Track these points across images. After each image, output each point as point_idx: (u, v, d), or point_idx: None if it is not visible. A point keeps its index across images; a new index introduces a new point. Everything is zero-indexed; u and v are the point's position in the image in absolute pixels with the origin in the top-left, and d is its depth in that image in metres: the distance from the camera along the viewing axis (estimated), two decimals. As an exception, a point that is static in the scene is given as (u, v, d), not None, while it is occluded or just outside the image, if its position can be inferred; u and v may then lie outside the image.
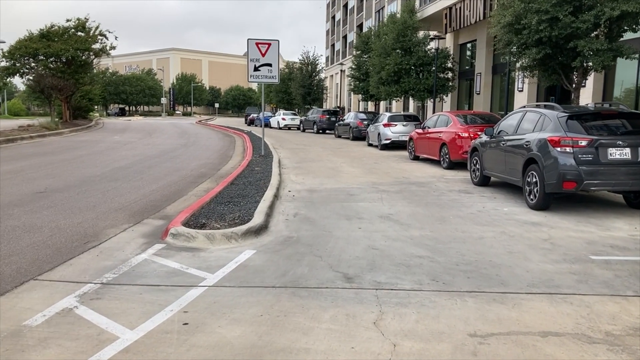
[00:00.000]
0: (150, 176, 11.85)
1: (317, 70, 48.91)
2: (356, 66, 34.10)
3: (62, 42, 28.50)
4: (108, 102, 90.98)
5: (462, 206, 8.63)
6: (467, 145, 13.24)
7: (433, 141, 14.89)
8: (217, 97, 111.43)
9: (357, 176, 12.45)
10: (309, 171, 13.34)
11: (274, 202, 8.53)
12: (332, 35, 68.94)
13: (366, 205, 8.59)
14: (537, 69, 14.02)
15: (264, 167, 13.23)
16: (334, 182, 11.43)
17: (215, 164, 14.87)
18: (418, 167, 14.50)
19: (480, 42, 26.03)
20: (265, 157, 15.86)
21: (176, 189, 10.24)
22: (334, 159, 16.79)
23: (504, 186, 10.66)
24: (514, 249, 5.97)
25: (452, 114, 14.52)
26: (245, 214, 7.29)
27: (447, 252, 5.79)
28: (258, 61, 15.69)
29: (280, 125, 40.90)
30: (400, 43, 25.13)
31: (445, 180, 11.81)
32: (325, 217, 7.65)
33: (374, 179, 11.89)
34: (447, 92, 25.94)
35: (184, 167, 13.92)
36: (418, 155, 16.35)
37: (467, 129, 13.48)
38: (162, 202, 8.74)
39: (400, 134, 20.42)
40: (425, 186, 10.88)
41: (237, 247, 5.96)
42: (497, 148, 9.89)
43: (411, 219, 7.56)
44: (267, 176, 11.42)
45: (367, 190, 10.29)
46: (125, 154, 16.91)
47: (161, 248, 5.92)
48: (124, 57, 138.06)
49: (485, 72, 25.80)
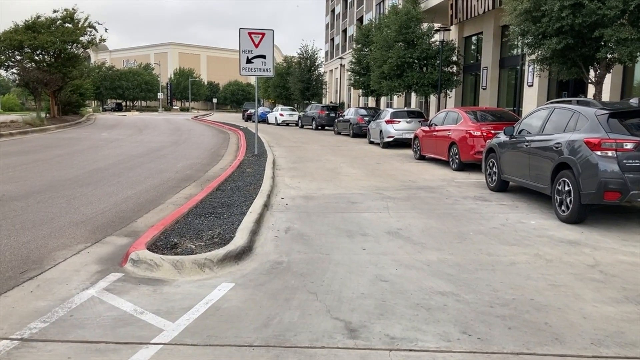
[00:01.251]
0: (129, 179, 10.65)
1: (316, 64, 47.56)
2: (356, 60, 32.80)
3: (49, 34, 27.12)
4: (104, 97, 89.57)
5: (481, 218, 7.44)
6: (480, 145, 12.06)
7: (441, 140, 13.69)
8: (215, 92, 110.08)
9: (359, 179, 11.25)
10: (305, 173, 12.14)
11: (263, 213, 7.33)
12: (332, 29, 67.59)
13: (370, 217, 7.40)
14: (555, 62, 12.81)
15: (257, 169, 12.03)
16: (333, 186, 10.23)
17: (204, 165, 13.66)
18: (425, 169, 13.30)
19: (487, 35, 24.78)
20: (258, 156, 14.65)
21: (154, 195, 9.03)
22: (333, 158, 15.59)
23: (525, 192, 9.47)
24: (557, 281, 4.78)
25: (462, 111, 13.31)
26: (227, 230, 6.10)
27: (475, 286, 4.60)
28: (251, 52, 14.45)
29: (278, 122, 39.67)
30: (403, 35, 23.86)
31: (457, 185, 10.61)
32: (322, 234, 6.45)
33: (378, 183, 10.69)
34: (453, 86, 24.70)
35: (169, 168, 12.71)
36: (424, 154, 15.15)
37: (479, 127, 12.27)
38: (134, 213, 7.54)
39: (403, 132, 19.21)
40: (436, 192, 9.68)
41: (212, 279, 4.76)
42: (518, 150, 8.69)
43: (425, 236, 6.37)
44: (259, 179, 10.23)
45: (370, 196, 9.09)
46: (108, 153, 15.69)
47: (116, 280, 4.72)
48: (121, 51, 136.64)
49: (492, 66, 24.56)
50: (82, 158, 14.27)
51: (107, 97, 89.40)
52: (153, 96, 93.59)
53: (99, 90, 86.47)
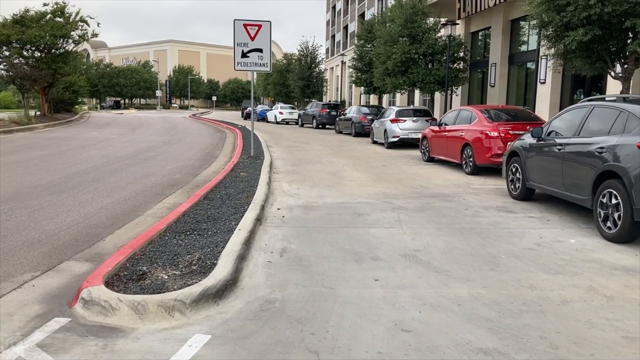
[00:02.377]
0: (108, 185, 9.56)
1: (317, 61, 46.39)
2: (358, 56, 31.67)
3: (38, 29, 26.01)
4: (102, 94, 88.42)
5: (510, 235, 6.35)
6: (497, 147, 10.98)
7: (453, 141, 12.59)
8: (215, 90, 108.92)
9: (364, 184, 10.17)
10: (305, 177, 11.06)
11: (255, 230, 6.24)
12: (332, 26, 66.42)
13: (381, 234, 6.31)
14: (578, 56, 11.71)
15: (252, 172, 10.96)
16: (336, 193, 9.15)
17: (195, 167, 12.58)
18: (436, 172, 12.20)
19: (496, 30, 23.66)
20: (254, 158, 13.55)
21: (133, 205, 7.95)
22: (335, 160, 14.50)
23: (553, 202, 8.38)
24: (630, 330, 3.69)
25: (476, 109, 12.20)
26: (210, 253, 5.03)
27: (525, 340, 3.51)
28: (246, 46, 13.35)
29: (277, 120, 38.57)
30: (408, 30, 22.75)
31: (474, 192, 9.52)
32: (325, 257, 5.37)
33: (386, 189, 9.60)
34: (460, 83, 23.59)
35: (156, 171, 11.62)
36: (433, 156, 14.05)
37: (496, 127, 11.17)
38: (104, 229, 6.46)
39: (409, 131, 18.12)
40: (452, 200, 8.59)
41: (182, 328, 3.67)
42: (549, 154, 7.60)
43: (448, 260, 5.29)
44: (253, 185, 9.14)
45: (378, 206, 8.00)
46: (92, 155, 14.60)
47: (58, 329, 3.63)
48: (121, 49, 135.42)
49: (501, 63, 23.44)
50: (63, 160, 13.17)
51: (105, 94, 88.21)
52: (152, 94, 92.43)
53: (97, 87, 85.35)
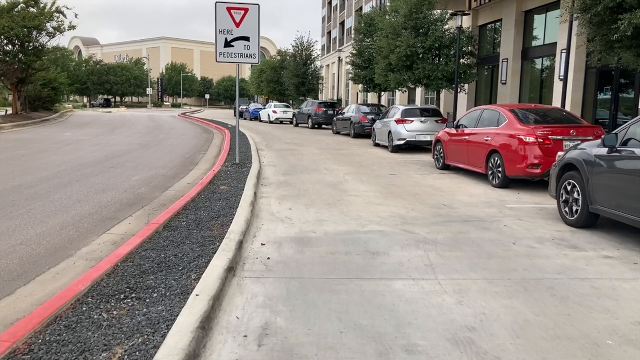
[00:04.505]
0: (49, 205, 7.51)
1: (312, 57, 44.28)
2: (357, 52, 29.64)
3: (8, 19, 23.82)
4: (91, 92, 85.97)
5: (597, 293, 4.34)
6: (534, 156, 9.00)
7: (475, 147, 10.59)
8: (208, 88, 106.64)
9: (373, 201, 8.16)
10: (300, 191, 9.04)
11: (223, 290, 4.21)
12: (329, 22, 64.37)
13: (411, 293, 4.29)
14: (630, 45, 9.76)
15: (235, 185, 8.94)
16: (338, 216, 7.14)
17: (168, 178, 10.53)
18: (456, 184, 10.21)
19: (508, 22, 21.70)
20: (240, 166, 11.52)
21: (67, 237, 5.90)
22: (335, 167, 12.50)
23: (623, 229, 6.40)
24: None
25: (504, 109, 10.19)
26: (142, 345, 3.02)
27: None
28: (230, 33, 11.31)
29: (270, 119, 36.48)
30: (413, 21, 20.73)
31: (514, 213, 7.51)
32: (330, 347, 3.34)
33: (401, 209, 7.60)
34: (469, 80, 21.62)
35: (118, 183, 9.58)
36: (449, 164, 12.05)
37: (533, 130, 9.16)
38: (4, 284, 4.42)
39: (417, 133, 16.13)
40: (491, 228, 6.58)
41: None
42: (629, 171, 5.62)
43: (527, 351, 3.28)
44: (233, 206, 7.13)
45: (397, 237, 6.00)
46: (50, 161, 12.50)
47: None
48: (113, 46, 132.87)
49: (513, 58, 21.49)
50: (11, 168, 11.08)
51: (95, 92, 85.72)
52: (143, 92, 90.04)
53: (86, 85, 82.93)
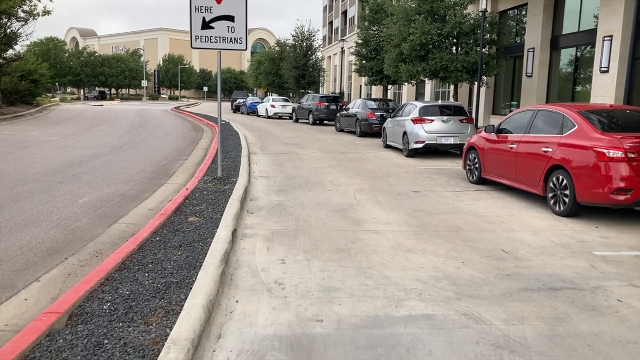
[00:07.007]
0: None
1: (313, 48, 41.65)
2: (363, 41, 27.11)
3: (-26, 3, 21.37)
4: (85, 84, 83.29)
5: None
6: (621, 177, 6.54)
7: (527, 159, 8.12)
8: (207, 80, 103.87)
9: (402, 245, 5.71)
10: (297, 225, 6.60)
11: None
12: (330, 12, 61.61)
13: None
14: None
15: (208, 216, 6.51)
16: (355, 278, 4.70)
17: (128, 199, 8.08)
18: (503, 209, 7.75)
19: (535, 7, 19.14)
20: (223, 182, 9.05)
21: None
22: (343, 179, 10.07)
23: None
24: None
25: (571, 110, 7.70)
26: None
27: None
28: (210, 11, 8.82)
29: (269, 114, 34.00)
30: (428, 4, 18.23)
31: (615, 271, 5.04)
32: None
33: (446, 261, 5.15)
34: (493, 72, 19.12)
35: (55, 210, 7.13)
36: (486, 177, 9.59)
37: (620, 141, 6.68)
38: None
39: (438, 135, 13.65)
40: (598, 307, 4.13)
41: None
42: None
43: None
44: (197, 259, 4.71)
45: (458, 338, 3.54)
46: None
47: None
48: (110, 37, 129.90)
49: (541, 48, 18.94)
50: None
51: (88, 84, 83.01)
52: (138, 84, 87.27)
53: (79, 77, 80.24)
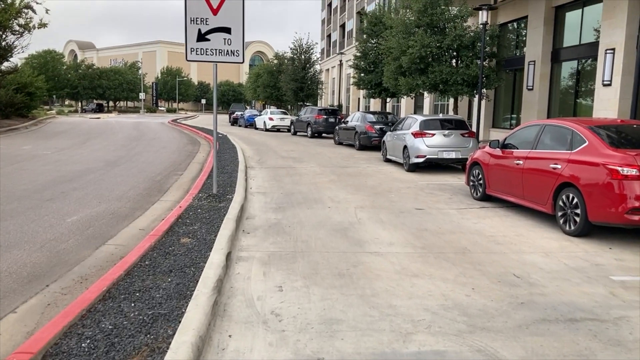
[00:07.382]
0: None
1: (312, 61, 41.55)
2: (361, 54, 26.96)
3: (-32, 16, 21.17)
4: (82, 97, 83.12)
5: None
6: (635, 196, 6.22)
7: (535, 176, 7.81)
8: (205, 93, 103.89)
9: (408, 269, 5.37)
10: (296, 247, 6.25)
11: None
12: (328, 25, 61.80)
13: None
14: None
15: (202, 238, 6.16)
16: (359, 308, 4.35)
17: (119, 217, 7.73)
18: (510, 228, 7.41)
19: (536, 19, 18.98)
20: (218, 199, 8.70)
21: None
22: (343, 195, 9.73)
23: None
24: None
25: (580, 125, 7.40)
26: None
27: None
28: (206, 23, 8.52)
29: (267, 127, 33.71)
30: (428, 17, 18.05)
31: (636, 299, 4.72)
32: None
33: (455, 288, 4.81)
34: (493, 85, 18.90)
35: (41, 231, 6.77)
36: (490, 194, 9.27)
37: (634, 158, 6.38)
38: None
39: (439, 149, 13.36)
40: (624, 342, 3.78)
41: None
42: None
43: None
44: (188, 288, 4.36)
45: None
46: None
47: None
48: (109, 50, 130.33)
49: (542, 60, 18.75)
50: None
51: (86, 97, 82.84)
52: (136, 96, 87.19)
53: (77, 90, 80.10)
